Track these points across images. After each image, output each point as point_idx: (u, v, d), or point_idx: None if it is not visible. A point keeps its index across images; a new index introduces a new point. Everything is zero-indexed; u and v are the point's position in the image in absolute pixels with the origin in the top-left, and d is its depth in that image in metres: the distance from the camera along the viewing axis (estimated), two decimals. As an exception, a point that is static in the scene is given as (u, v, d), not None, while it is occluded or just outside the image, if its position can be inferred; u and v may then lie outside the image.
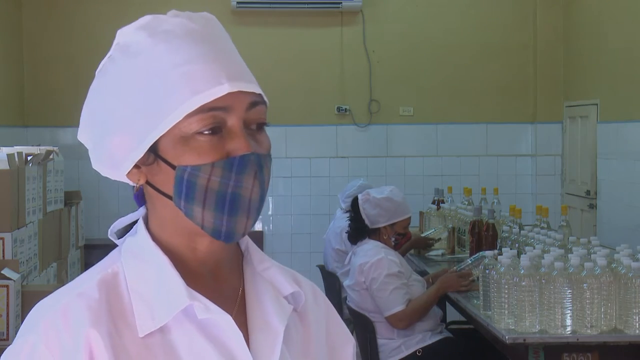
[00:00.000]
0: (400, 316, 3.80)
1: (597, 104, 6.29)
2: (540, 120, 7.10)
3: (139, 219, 1.07)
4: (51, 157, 4.75)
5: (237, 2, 6.75)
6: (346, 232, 4.30)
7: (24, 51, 6.87)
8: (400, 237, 4.07)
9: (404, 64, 7.10)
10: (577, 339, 2.97)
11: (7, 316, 3.40)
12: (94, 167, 1.07)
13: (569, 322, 2.96)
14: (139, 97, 1.00)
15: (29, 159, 4.30)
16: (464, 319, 3.96)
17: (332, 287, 4.96)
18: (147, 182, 1.03)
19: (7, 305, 3.40)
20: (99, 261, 1.06)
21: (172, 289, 0.99)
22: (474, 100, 7.14)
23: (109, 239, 1.10)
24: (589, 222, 6.38)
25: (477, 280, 3.61)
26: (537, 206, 4.60)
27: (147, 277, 1.01)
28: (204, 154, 0.97)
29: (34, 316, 0.99)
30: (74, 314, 0.96)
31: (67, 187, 5.35)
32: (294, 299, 1.09)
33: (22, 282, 3.60)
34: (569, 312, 2.96)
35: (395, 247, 4.07)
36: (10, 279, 3.43)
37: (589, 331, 2.96)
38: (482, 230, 4.45)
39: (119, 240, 1.09)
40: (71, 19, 6.89)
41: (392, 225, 4.05)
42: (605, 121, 6.16)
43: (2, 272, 3.45)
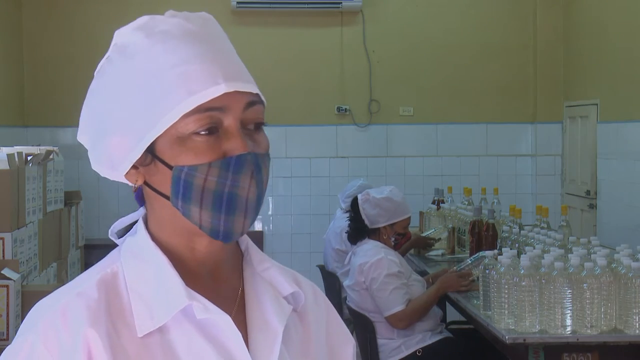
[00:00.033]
0: (400, 316, 3.79)
1: (597, 104, 6.29)
2: (540, 120, 7.10)
3: (139, 219, 1.07)
4: (51, 157, 4.75)
5: (237, 2, 6.75)
6: (346, 232, 4.29)
7: (24, 51, 6.87)
8: (400, 237, 4.07)
9: (404, 64, 7.10)
10: (577, 339, 2.97)
11: (7, 316, 3.40)
12: (93, 167, 1.08)
13: (569, 322, 2.96)
14: (136, 97, 1.00)
15: (29, 159, 4.29)
16: (464, 319, 3.96)
17: (332, 287, 4.96)
18: (145, 183, 1.03)
19: (7, 305, 3.40)
20: (99, 261, 1.06)
21: (171, 289, 0.99)
22: (474, 100, 7.13)
23: (109, 239, 1.11)
24: (589, 222, 6.37)
25: (477, 280, 3.61)
26: (537, 206, 4.60)
27: (147, 277, 1.01)
28: (200, 154, 0.97)
29: (33, 315, 0.99)
30: (72, 314, 0.96)
31: (67, 187, 5.35)
32: (293, 299, 1.09)
33: (22, 282, 3.59)
34: (569, 312, 2.96)
35: (395, 247, 4.07)
36: (10, 279, 3.43)
37: (589, 331, 2.96)
38: (482, 230, 4.45)
39: (119, 240, 1.09)
40: (71, 19, 6.89)
41: (392, 225, 4.05)
42: (605, 121, 6.16)
43: (2, 272, 3.45)
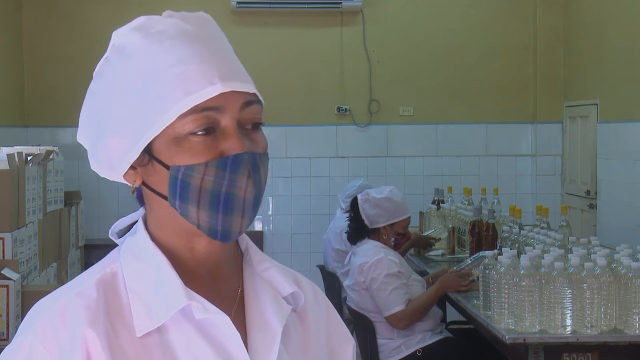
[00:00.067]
0: (400, 316, 3.79)
1: (597, 104, 6.29)
2: (540, 120, 7.10)
3: (139, 219, 1.07)
4: (51, 157, 4.75)
5: (237, 2, 6.75)
6: (345, 232, 4.29)
7: (24, 51, 6.87)
8: (399, 237, 4.07)
9: (404, 64, 7.10)
10: (577, 339, 2.97)
11: (7, 316, 3.40)
12: (92, 168, 1.08)
13: (569, 322, 2.96)
14: (133, 98, 1.00)
15: (29, 159, 4.29)
16: (464, 319, 3.96)
17: (332, 287, 4.96)
18: (143, 183, 1.03)
19: (7, 305, 3.40)
20: (99, 261, 1.06)
21: (170, 289, 0.99)
22: (474, 100, 7.13)
23: (109, 239, 1.11)
24: (589, 222, 6.37)
25: (477, 280, 3.61)
26: (537, 206, 4.60)
27: (146, 276, 1.01)
28: (197, 154, 0.97)
29: (33, 315, 0.99)
30: (71, 314, 0.96)
31: (67, 187, 5.35)
32: (293, 300, 1.09)
33: (22, 282, 3.59)
34: (569, 312, 2.95)
35: (394, 247, 4.07)
36: (10, 279, 3.43)
37: (589, 331, 2.96)
38: (482, 230, 4.45)
39: (119, 240, 1.09)
40: (71, 19, 6.89)
41: (392, 225, 4.04)
42: (605, 121, 6.16)
43: (2, 272, 3.45)
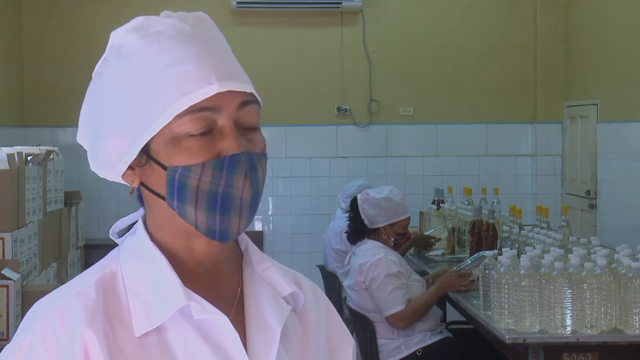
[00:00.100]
0: (399, 316, 3.79)
1: (597, 104, 6.29)
2: (540, 120, 7.10)
3: (139, 219, 1.07)
4: (51, 157, 4.75)
5: (237, 2, 6.74)
6: (345, 232, 4.29)
7: (24, 51, 6.87)
8: (399, 237, 4.07)
9: (404, 64, 7.09)
10: (577, 339, 2.97)
11: (7, 316, 3.40)
12: (92, 168, 1.08)
13: (569, 322, 2.96)
14: (131, 98, 1.00)
15: (29, 159, 4.29)
16: (464, 319, 3.96)
17: (332, 287, 4.96)
18: (142, 184, 1.03)
19: (7, 305, 3.40)
20: (99, 261, 1.06)
21: (169, 289, 0.99)
22: (474, 100, 7.13)
23: (109, 239, 1.11)
24: (589, 222, 6.37)
25: (477, 280, 3.61)
26: (537, 206, 4.60)
27: (145, 276, 1.01)
28: (194, 154, 0.97)
29: (32, 315, 0.99)
30: (70, 314, 0.96)
31: (67, 187, 5.35)
32: (293, 300, 1.09)
33: (22, 282, 3.59)
34: (569, 312, 2.95)
35: (394, 247, 4.07)
36: (10, 279, 3.43)
37: (589, 331, 2.96)
38: (482, 230, 4.45)
39: (119, 239, 1.09)
40: (71, 19, 6.89)
41: (392, 225, 4.04)
42: (605, 121, 6.15)
43: (2, 272, 3.45)
